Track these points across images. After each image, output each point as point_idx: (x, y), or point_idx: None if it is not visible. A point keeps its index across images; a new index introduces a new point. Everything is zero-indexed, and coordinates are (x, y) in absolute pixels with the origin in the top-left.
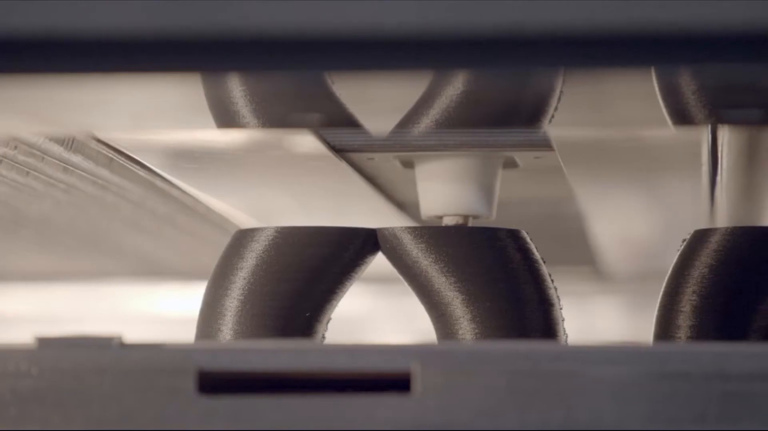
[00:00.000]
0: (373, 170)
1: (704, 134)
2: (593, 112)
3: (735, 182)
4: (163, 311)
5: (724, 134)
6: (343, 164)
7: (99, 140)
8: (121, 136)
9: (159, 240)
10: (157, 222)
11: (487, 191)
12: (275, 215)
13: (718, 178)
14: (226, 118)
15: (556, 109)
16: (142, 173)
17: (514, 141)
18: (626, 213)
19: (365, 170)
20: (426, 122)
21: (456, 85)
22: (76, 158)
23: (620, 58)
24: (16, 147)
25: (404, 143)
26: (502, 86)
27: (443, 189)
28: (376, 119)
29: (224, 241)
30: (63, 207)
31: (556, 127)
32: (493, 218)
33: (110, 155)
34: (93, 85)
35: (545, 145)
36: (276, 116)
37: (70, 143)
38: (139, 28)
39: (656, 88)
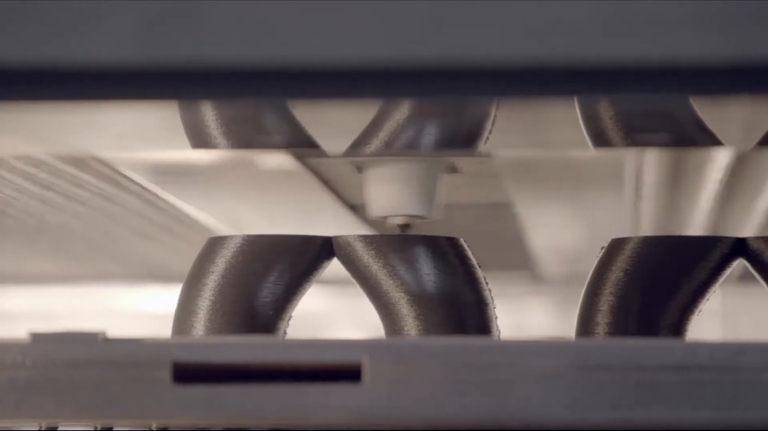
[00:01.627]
0: (330, 174)
1: (626, 154)
2: (526, 135)
3: (658, 198)
4: (148, 309)
5: (647, 155)
6: (308, 175)
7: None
8: (113, 155)
9: (157, 246)
10: (153, 229)
11: (428, 194)
12: (245, 224)
13: (642, 194)
14: (199, 140)
15: (490, 132)
16: (134, 187)
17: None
18: (557, 223)
19: (323, 175)
20: (376, 143)
21: (402, 111)
22: (83, 174)
23: (547, 88)
24: (37, 165)
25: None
26: (443, 113)
27: (388, 192)
28: (332, 141)
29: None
30: (67, 217)
31: (491, 146)
32: (435, 220)
33: (106, 171)
34: (81, 110)
35: (486, 152)
36: (243, 138)
37: (76, 161)
38: (122, 61)
39: (578, 115)
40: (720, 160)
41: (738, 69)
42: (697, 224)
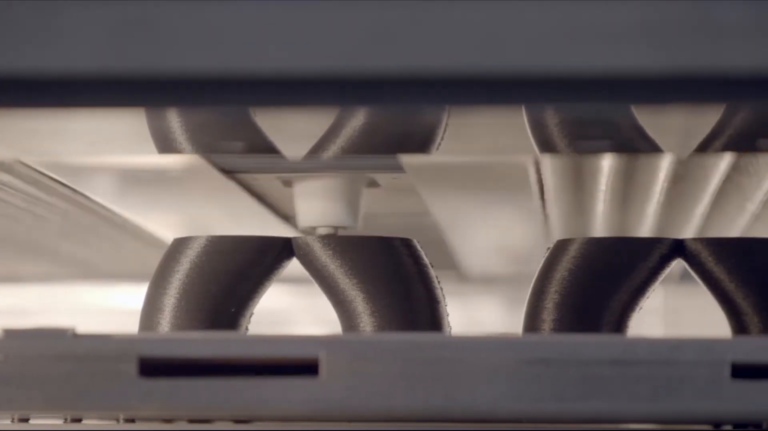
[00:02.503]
0: (259, 188)
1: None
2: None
3: (561, 200)
4: (119, 306)
5: (547, 161)
6: (233, 184)
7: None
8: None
9: (86, 246)
10: (82, 231)
11: (352, 206)
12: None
13: (546, 197)
14: (165, 145)
15: (442, 138)
16: (64, 190)
17: (375, 165)
18: (500, 225)
19: (252, 189)
20: (333, 148)
21: (359, 118)
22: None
23: (495, 97)
24: (8, 170)
25: (283, 165)
26: (397, 120)
27: (316, 205)
28: (292, 146)
29: (139, 247)
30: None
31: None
32: (358, 229)
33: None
34: (51, 117)
35: (401, 168)
36: (206, 143)
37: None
38: (89, 70)
39: (526, 122)
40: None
41: (676, 80)
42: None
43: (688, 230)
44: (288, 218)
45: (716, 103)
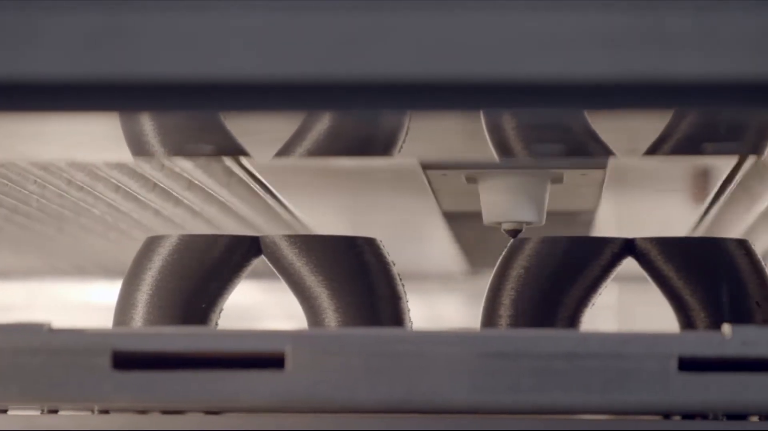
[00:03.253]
0: (441, 183)
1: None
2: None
3: None
4: (98, 302)
5: None
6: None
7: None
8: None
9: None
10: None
11: (538, 202)
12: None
13: None
14: (138, 148)
15: (404, 142)
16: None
17: (562, 162)
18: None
19: (434, 184)
20: (300, 151)
21: (324, 122)
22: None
23: (454, 103)
24: None
25: (471, 162)
26: (359, 124)
27: (503, 201)
28: (260, 148)
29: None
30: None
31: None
32: (542, 225)
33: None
34: (30, 120)
35: (592, 165)
36: (178, 146)
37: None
38: (65, 75)
39: (484, 128)
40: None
41: (627, 86)
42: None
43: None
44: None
45: (666, 109)
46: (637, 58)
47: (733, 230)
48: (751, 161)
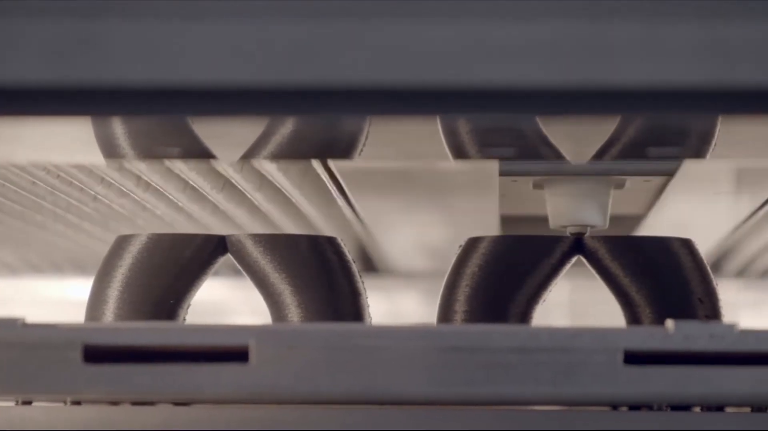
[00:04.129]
0: (510, 190)
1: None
2: (390, 147)
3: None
4: (69, 297)
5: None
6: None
7: None
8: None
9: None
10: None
11: (602, 207)
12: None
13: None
14: (110, 150)
15: (364, 145)
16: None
17: (626, 169)
18: (423, 225)
19: (504, 189)
20: (264, 153)
21: (287, 126)
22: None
23: (412, 108)
24: None
25: (538, 170)
26: (320, 128)
27: (568, 205)
28: (226, 151)
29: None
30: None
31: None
32: (605, 228)
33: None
34: (5, 124)
35: (653, 172)
36: (147, 149)
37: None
38: (37, 81)
39: (440, 131)
40: None
41: (574, 93)
42: None
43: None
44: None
45: (611, 115)
46: (584, 66)
47: None
48: None
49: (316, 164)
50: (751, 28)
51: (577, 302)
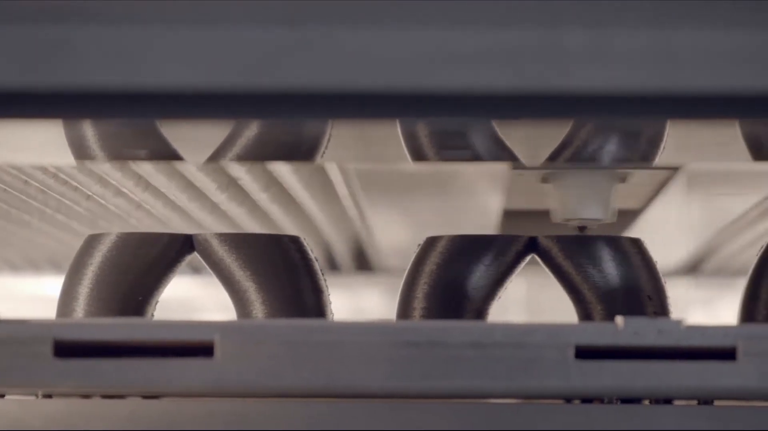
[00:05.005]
0: (518, 183)
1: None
2: (363, 149)
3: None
4: (44, 294)
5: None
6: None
7: None
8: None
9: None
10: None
11: (605, 201)
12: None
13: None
14: (80, 152)
15: (326, 147)
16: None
17: (629, 164)
18: (394, 225)
19: (511, 183)
20: (230, 155)
21: (252, 129)
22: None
23: (373, 112)
24: None
25: (545, 165)
26: (284, 131)
27: (573, 199)
28: (193, 153)
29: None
30: None
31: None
32: (611, 222)
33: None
34: None
35: (659, 166)
36: (117, 151)
37: None
38: (11, 86)
39: (400, 134)
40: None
41: (528, 98)
42: None
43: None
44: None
45: (564, 120)
46: (537, 72)
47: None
48: None
49: (329, 166)
50: (697, 35)
51: (533, 300)
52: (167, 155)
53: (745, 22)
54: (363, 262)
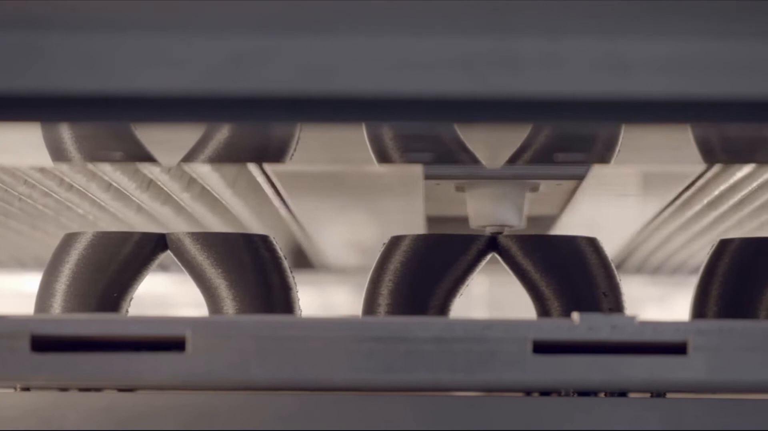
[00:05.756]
0: (434, 192)
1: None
2: (328, 152)
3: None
4: (29, 291)
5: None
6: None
7: None
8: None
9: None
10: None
11: (518, 208)
12: None
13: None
14: (57, 154)
15: (295, 150)
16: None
17: (540, 174)
18: (354, 224)
19: (428, 192)
20: (202, 157)
21: (223, 132)
22: None
23: (338, 116)
24: None
25: (460, 174)
26: (255, 133)
27: (487, 207)
28: (166, 155)
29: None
30: None
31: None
32: (522, 228)
33: None
34: None
35: (566, 176)
36: (93, 152)
37: None
38: None
39: (365, 137)
40: None
41: (484, 103)
42: None
43: None
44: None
45: (520, 123)
46: (494, 78)
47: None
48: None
49: (252, 167)
50: (644, 43)
51: (495, 297)
52: (141, 156)
53: (689, 32)
54: (302, 260)
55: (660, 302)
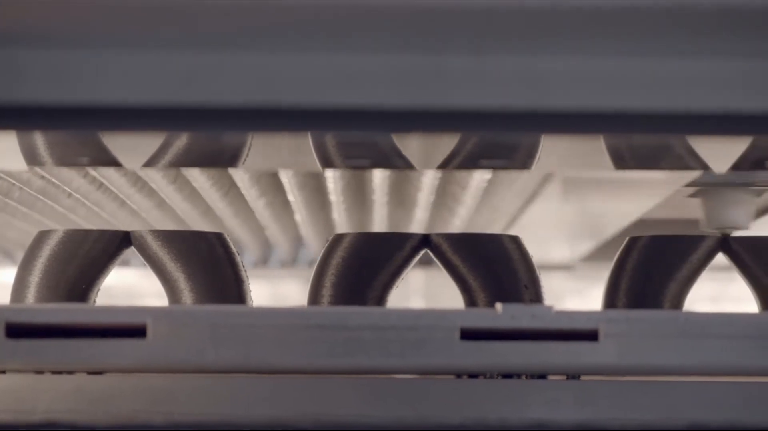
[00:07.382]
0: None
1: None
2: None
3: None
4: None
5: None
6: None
7: None
8: None
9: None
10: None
11: (748, 213)
12: None
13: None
14: (31, 159)
15: (247, 155)
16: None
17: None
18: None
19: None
20: (163, 163)
21: (182, 139)
22: None
23: (288, 125)
24: None
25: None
26: (210, 140)
27: (724, 212)
28: (131, 159)
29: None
30: None
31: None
32: (750, 229)
33: None
34: None
35: None
36: (63, 157)
37: None
38: None
39: (311, 144)
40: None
41: (417, 114)
42: None
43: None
44: None
45: (448, 133)
46: (425, 91)
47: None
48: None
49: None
50: (560, 61)
51: (431, 289)
52: (107, 161)
53: (601, 51)
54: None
55: (579, 294)
